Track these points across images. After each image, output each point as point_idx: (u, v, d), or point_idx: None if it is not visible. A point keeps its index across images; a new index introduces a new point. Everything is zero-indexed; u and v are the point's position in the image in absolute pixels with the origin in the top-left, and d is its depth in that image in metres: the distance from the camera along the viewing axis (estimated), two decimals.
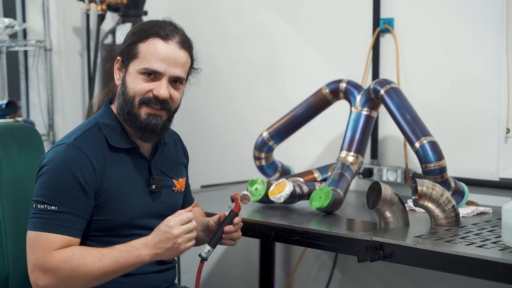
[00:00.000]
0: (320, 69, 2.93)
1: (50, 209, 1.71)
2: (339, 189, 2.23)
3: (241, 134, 3.22)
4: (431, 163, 2.20)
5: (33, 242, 1.71)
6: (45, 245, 1.69)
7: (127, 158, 1.84)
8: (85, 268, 1.69)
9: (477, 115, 2.52)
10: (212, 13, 3.35)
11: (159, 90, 1.78)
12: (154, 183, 1.87)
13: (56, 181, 1.73)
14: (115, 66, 1.86)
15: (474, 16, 2.52)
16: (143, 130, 1.81)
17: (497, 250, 1.70)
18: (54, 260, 1.68)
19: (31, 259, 1.71)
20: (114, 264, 1.72)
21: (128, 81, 1.81)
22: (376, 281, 2.85)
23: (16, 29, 3.10)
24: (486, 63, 2.49)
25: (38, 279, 1.69)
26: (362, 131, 2.42)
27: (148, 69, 1.78)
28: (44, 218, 1.70)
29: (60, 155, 1.75)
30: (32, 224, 1.72)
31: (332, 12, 2.91)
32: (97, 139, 1.81)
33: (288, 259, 3.15)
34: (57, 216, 1.71)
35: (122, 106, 1.81)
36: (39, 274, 1.69)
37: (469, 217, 2.19)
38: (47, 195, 1.72)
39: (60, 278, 1.69)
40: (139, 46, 1.80)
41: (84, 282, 1.71)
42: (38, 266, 1.69)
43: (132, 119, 1.81)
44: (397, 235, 1.89)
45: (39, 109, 3.27)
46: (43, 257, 1.69)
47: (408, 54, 2.68)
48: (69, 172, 1.73)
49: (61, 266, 1.68)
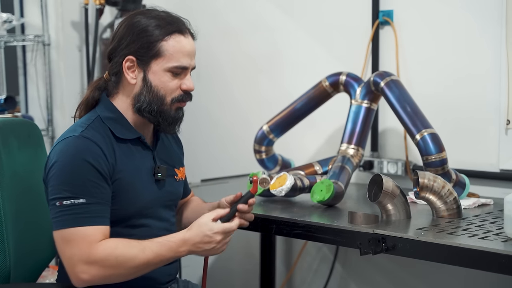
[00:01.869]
0: (320, 62, 2.93)
1: (79, 203, 1.69)
2: (340, 182, 2.23)
3: (241, 127, 3.22)
4: (432, 155, 2.20)
5: (69, 239, 1.69)
6: (86, 239, 1.68)
7: (133, 148, 1.86)
8: (129, 259, 1.70)
9: (477, 107, 2.52)
10: (211, 6, 3.34)
11: (189, 84, 1.85)
12: (160, 171, 1.89)
13: (76, 173, 1.72)
14: (124, 65, 1.83)
15: (474, 7, 2.51)
16: (173, 124, 1.87)
17: (500, 242, 1.70)
18: (100, 251, 1.68)
19: (71, 255, 1.69)
20: (154, 257, 1.73)
21: (154, 80, 1.83)
22: (377, 274, 2.85)
23: (14, 24, 3.09)
24: (486, 55, 2.48)
25: (83, 273, 1.68)
26: (362, 124, 2.42)
27: (179, 67, 1.83)
28: (75, 213, 1.69)
29: (72, 147, 1.74)
30: (62, 222, 1.70)
31: (332, 4, 2.90)
32: (102, 131, 1.81)
33: (288, 252, 3.15)
34: (87, 208, 1.70)
35: (150, 104, 1.83)
36: (83, 267, 1.68)
37: (471, 209, 2.19)
38: (70, 190, 1.70)
39: (106, 268, 1.69)
40: (163, 44, 1.81)
41: (127, 273, 1.72)
42: (82, 260, 1.68)
43: (162, 114, 1.84)
44: (399, 227, 1.89)
45: (37, 104, 3.26)
46: (87, 250, 1.68)
47: (407, 46, 2.68)
48: (86, 161, 1.72)
49: (107, 257, 1.69)
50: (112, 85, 1.89)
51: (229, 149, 3.30)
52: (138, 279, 1.84)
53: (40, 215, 2.02)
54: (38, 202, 2.02)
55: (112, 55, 1.86)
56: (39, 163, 2.06)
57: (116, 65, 1.85)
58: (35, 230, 2.00)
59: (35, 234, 2.00)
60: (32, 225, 1.99)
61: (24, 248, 1.94)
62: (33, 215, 2.00)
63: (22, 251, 1.93)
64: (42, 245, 2.04)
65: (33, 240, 1.99)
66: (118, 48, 1.84)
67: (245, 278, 3.29)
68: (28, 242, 1.97)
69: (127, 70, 1.84)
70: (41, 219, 2.02)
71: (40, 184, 2.04)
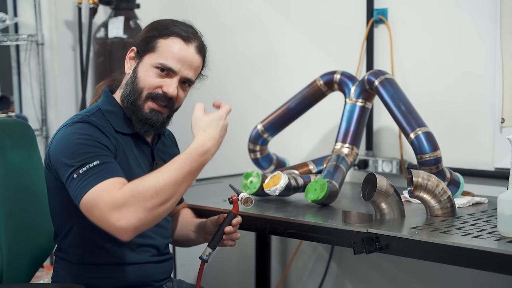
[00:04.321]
0: (314, 61, 2.92)
1: (93, 165, 1.66)
2: (334, 181, 2.22)
3: (235, 126, 3.19)
4: (426, 154, 2.19)
5: (93, 199, 1.62)
6: (108, 190, 1.62)
7: (132, 143, 1.88)
8: (152, 184, 1.62)
9: (471, 105, 2.52)
10: (205, 5, 3.34)
11: (169, 87, 1.83)
12: (156, 168, 1.86)
13: (84, 143, 1.70)
14: (128, 54, 1.89)
15: (468, 5, 2.51)
16: (143, 123, 1.86)
17: (493, 241, 1.69)
18: (122, 193, 1.60)
19: (100, 212, 1.61)
20: (181, 168, 1.66)
21: (140, 72, 1.84)
22: (372, 273, 2.85)
23: (7, 24, 3.09)
24: (481, 53, 2.48)
25: (118, 220, 1.59)
26: (357, 123, 2.41)
27: (164, 65, 1.83)
28: (92, 175, 1.64)
29: (74, 129, 1.74)
30: (83, 187, 1.64)
31: (326, 3, 2.89)
32: (103, 123, 1.82)
33: (284, 251, 3.14)
34: (102, 167, 1.66)
35: (128, 95, 1.85)
36: (115, 215, 1.59)
37: (465, 208, 2.19)
38: (82, 158, 1.67)
39: (136, 206, 1.59)
40: (159, 41, 1.84)
41: (160, 199, 1.62)
42: (110, 209, 1.59)
43: (134, 109, 1.85)
44: (393, 226, 1.88)
45: (31, 104, 3.25)
46: (110, 198, 1.60)
47: (402, 44, 2.67)
48: (90, 135, 1.73)
49: (131, 195, 1.60)
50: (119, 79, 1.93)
51: (223, 148, 3.27)
52: (134, 276, 1.84)
53: (33, 215, 2.01)
54: (31, 202, 2.02)
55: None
56: (32, 163, 2.06)
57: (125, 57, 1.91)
58: (28, 230, 2.00)
59: (28, 234, 1.99)
60: (25, 225, 1.99)
61: (17, 248, 1.93)
62: (26, 215, 1.99)
63: (15, 251, 1.92)
64: (35, 245, 2.03)
65: (26, 240, 1.99)
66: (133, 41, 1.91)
67: (241, 278, 3.29)
68: (22, 242, 1.96)
69: (128, 60, 1.89)
70: (34, 219, 2.01)
71: (33, 183, 2.04)
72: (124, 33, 3.15)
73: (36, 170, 2.06)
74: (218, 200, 2.29)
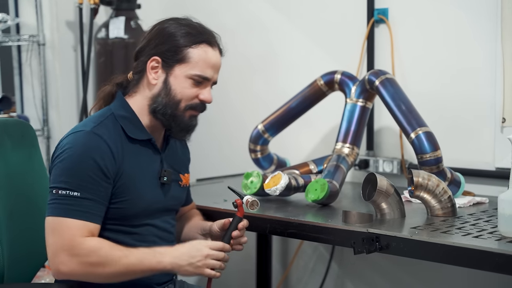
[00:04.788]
0: (315, 61, 2.92)
1: (73, 195, 1.71)
2: (334, 181, 2.22)
3: (236, 126, 3.21)
4: (427, 154, 2.19)
5: (55, 227, 1.71)
6: (71, 231, 1.70)
7: (142, 150, 1.88)
8: (111, 261, 1.70)
9: (472, 105, 2.51)
10: (205, 5, 3.33)
11: (207, 95, 1.89)
12: (165, 175, 1.91)
13: (78, 167, 1.74)
14: (148, 64, 1.87)
15: (469, 5, 2.51)
16: (184, 130, 1.91)
17: (494, 240, 1.69)
18: (84, 247, 1.69)
19: (54, 243, 1.71)
20: (137, 263, 1.73)
21: (174, 84, 1.86)
22: (373, 273, 2.85)
23: (9, 24, 3.09)
24: (482, 53, 2.48)
25: (62, 264, 1.69)
26: (357, 123, 2.41)
27: (202, 76, 1.87)
28: (66, 204, 1.71)
29: (81, 141, 1.76)
30: (53, 209, 1.72)
31: (327, 3, 2.89)
32: (114, 129, 1.83)
33: (285, 251, 3.14)
34: (79, 202, 1.72)
35: (165, 107, 1.86)
36: (64, 258, 1.69)
37: (466, 207, 2.18)
38: (68, 181, 1.72)
39: (86, 265, 1.70)
40: (189, 51, 1.86)
41: (106, 275, 1.72)
42: (64, 251, 1.69)
43: (174, 119, 1.87)
44: (393, 226, 1.88)
45: (33, 104, 3.26)
46: (70, 242, 1.69)
47: (402, 44, 2.67)
48: (91, 158, 1.74)
49: (89, 254, 1.69)
50: (133, 84, 1.92)
51: (224, 148, 3.29)
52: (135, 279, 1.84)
53: (34, 215, 2.01)
54: (32, 202, 2.02)
55: (139, 54, 1.90)
56: (33, 163, 2.06)
57: (141, 64, 1.89)
58: (29, 230, 2.00)
59: (30, 234, 1.99)
60: (26, 225, 1.99)
61: (18, 248, 1.94)
62: (27, 215, 2.00)
63: (17, 251, 1.93)
64: (37, 245, 2.03)
65: (27, 240, 1.99)
66: (147, 48, 1.88)
67: (242, 277, 3.29)
68: (23, 242, 1.97)
69: (150, 70, 1.87)
70: (35, 219, 2.01)
71: (34, 183, 2.04)
72: (125, 34, 3.15)
73: (37, 170, 2.07)
74: (219, 200, 2.29)
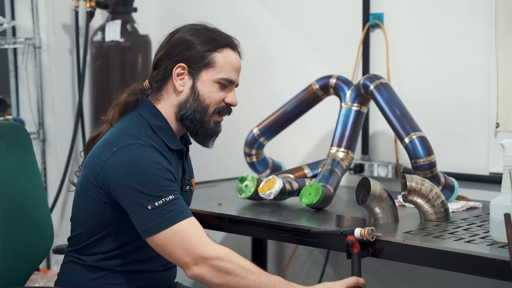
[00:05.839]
0: (310, 65, 2.93)
1: (169, 199, 1.71)
2: (329, 185, 2.23)
3: (231, 130, 3.20)
4: (421, 159, 2.20)
5: (178, 235, 1.70)
6: (193, 232, 1.70)
7: (174, 159, 1.89)
8: (244, 272, 1.71)
9: (466, 110, 2.52)
10: (201, 9, 3.34)
11: (233, 98, 1.90)
12: (188, 183, 1.94)
13: (154, 175, 1.73)
14: (174, 71, 1.86)
15: (464, 10, 2.52)
16: (209, 136, 1.92)
17: (485, 245, 1.70)
18: (213, 251, 1.70)
19: (186, 250, 1.69)
20: (270, 285, 1.73)
21: (202, 89, 1.86)
22: (368, 277, 2.83)
23: (5, 27, 3.09)
24: (476, 58, 2.49)
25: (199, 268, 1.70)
26: (352, 127, 2.42)
27: (228, 79, 1.88)
28: (172, 210, 1.70)
29: (143, 153, 1.75)
30: (163, 222, 1.70)
31: (322, 7, 2.90)
32: (157, 140, 1.83)
33: (280, 255, 3.15)
34: (176, 204, 1.72)
35: (194, 113, 1.87)
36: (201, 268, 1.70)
37: (459, 212, 2.19)
38: (157, 190, 1.71)
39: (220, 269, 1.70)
40: (215, 55, 1.86)
41: (243, 283, 1.71)
42: (197, 256, 1.69)
43: (201, 125, 1.88)
44: (387, 231, 1.89)
45: (28, 107, 3.25)
46: (200, 243, 1.69)
47: (398, 49, 2.68)
48: (158, 163, 1.75)
49: (224, 259, 1.70)
50: (154, 91, 1.90)
51: (219, 152, 3.28)
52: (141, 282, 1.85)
53: (28, 218, 2.01)
54: (26, 205, 2.02)
55: (161, 62, 1.89)
56: (27, 166, 2.05)
57: (164, 71, 1.87)
58: (23, 233, 1.99)
59: (23, 238, 1.99)
60: (20, 228, 1.98)
61: (11, 252, 1.93)
62: (21, 218, 1.99)
63: (10, 254, 1.92)
64: (30, 248, 2.03)
65: (21, 244, 1.98)
66: (170, 55, 1.87)
67: None
68: (17, 245, 1.96)
69: (176, 77, 1.86)
70: (29, 222, 2.01)
71: (28, 187, 2.04)
72: (121, 37, 3.16)
73: (31, 173, 2.06)
74: (214, 204, 2.30)
